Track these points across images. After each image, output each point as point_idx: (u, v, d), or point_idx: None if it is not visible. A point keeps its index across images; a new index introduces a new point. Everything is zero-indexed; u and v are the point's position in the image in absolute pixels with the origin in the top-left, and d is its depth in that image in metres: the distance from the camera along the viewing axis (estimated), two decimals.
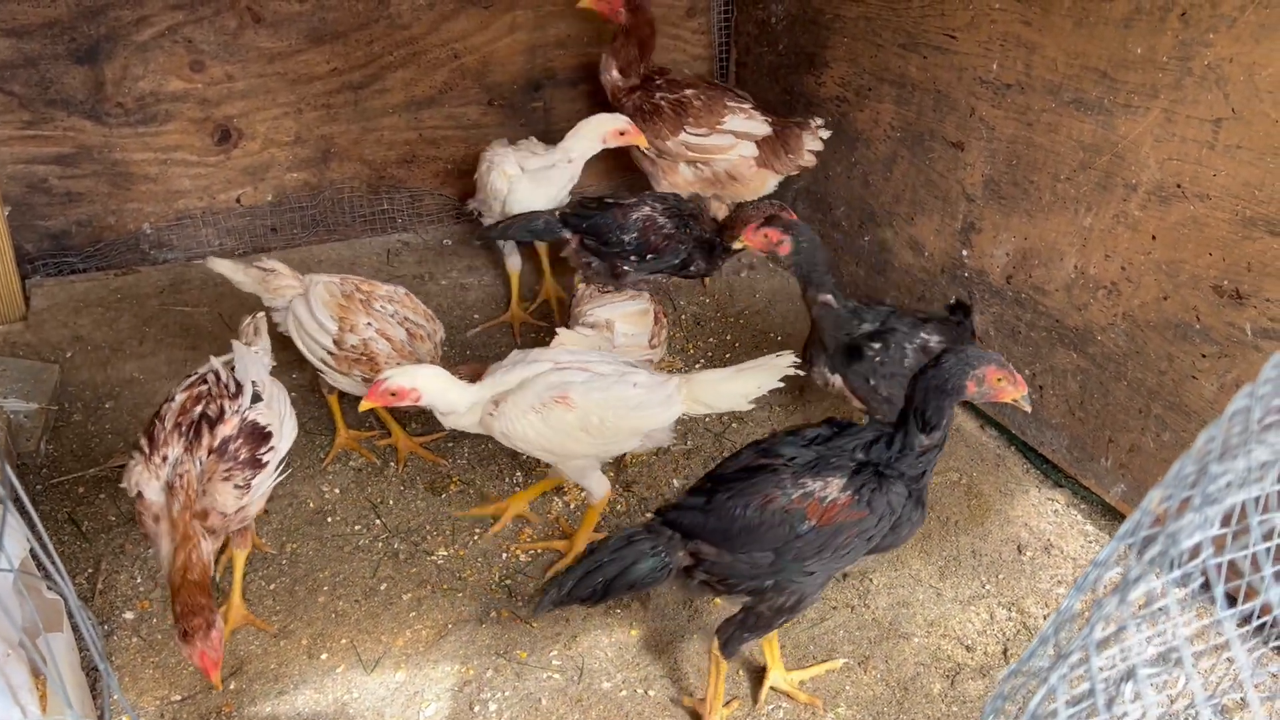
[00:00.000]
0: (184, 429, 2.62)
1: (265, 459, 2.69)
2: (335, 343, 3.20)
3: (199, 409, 2.66)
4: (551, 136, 4.87)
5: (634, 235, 3.68)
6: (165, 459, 2.58)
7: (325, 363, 3.25)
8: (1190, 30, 2.88)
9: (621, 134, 3.93)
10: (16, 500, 2.50)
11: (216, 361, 2.82)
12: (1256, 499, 0.82)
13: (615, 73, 4.31)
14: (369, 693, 2.75)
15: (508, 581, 3.10)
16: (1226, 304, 2.93)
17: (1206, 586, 1.09)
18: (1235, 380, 2.95)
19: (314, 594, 3.04)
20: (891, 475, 2.43)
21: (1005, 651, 2.94)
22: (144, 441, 2.63)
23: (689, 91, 4.22)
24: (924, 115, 3.88)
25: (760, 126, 4.20)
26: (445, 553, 3.20)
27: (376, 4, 4.43)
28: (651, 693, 2.77)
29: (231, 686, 2.74)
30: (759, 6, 4.71)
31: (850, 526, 2.40)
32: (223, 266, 3.34)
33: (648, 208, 3.73)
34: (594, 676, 2.81)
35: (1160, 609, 0.85)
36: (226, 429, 2.64)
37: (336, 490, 3.42)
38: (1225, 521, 0.93)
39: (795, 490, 2.40)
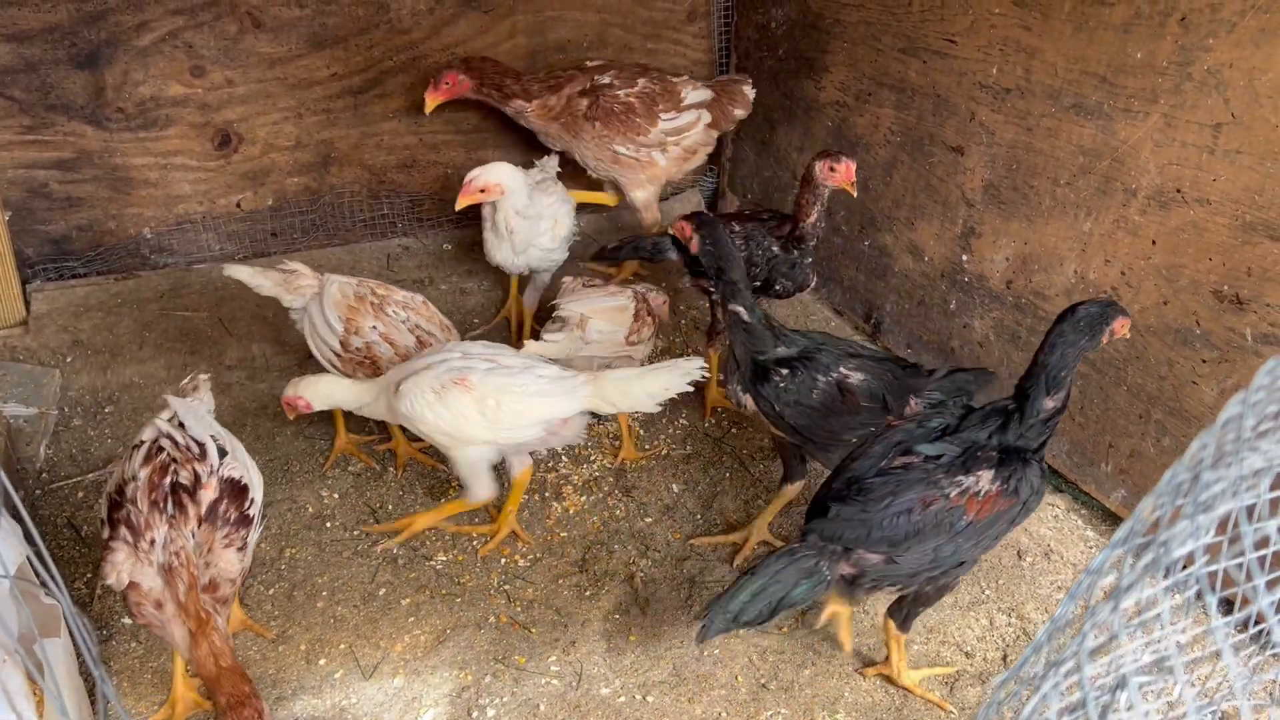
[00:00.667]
0: (161, 504, 2.46)
1: (250, 513, 2.60)
2: (341, 344, 3.22)
3: (168, 480, 2.50)
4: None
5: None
6: (153, 542, 2.42)
7: (331, 363, 3.26)
8: (1190, 35, 2.88)
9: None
10: (12, 507, 2.50)
11: (162, 423, 2.65)
12: (1249, 507, 0.81)
13: (526, 103, 4.25)
14: (367, 698, 2.74)
15: (506, 587, 3.10)
16: (1227, 309, 2.92)
17: (1203, 594, 1.09)
18: (1235, 385, 2.95)
19: (312, 599, 3.03)
20: (1029, 456, 2.52)
21: (1005, 658, 2.93)
22: (123, 531, 2.43)
23: (642, 81, 4.27)
24: (924, 120, 3.88)
25: (706, 92, 4.36)
26: (444, 558, 3.19)
27: (376, 9, 4.43)
28: (650, 699, 2.76)
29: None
30: (759, 11, 4.71)
31: (1002, 515, 2.50)
32: (240, 273, 3.37)
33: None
34: (592, 682, 2.81)
35: (1154, 617, 0.84)
36: (209, 494, 2.52)
37: (335, 495, 3.41)
38: (1220, 529, 0.92)
39: (951, 489, 2.46)
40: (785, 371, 3.00)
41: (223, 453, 2.64)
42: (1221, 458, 0.89)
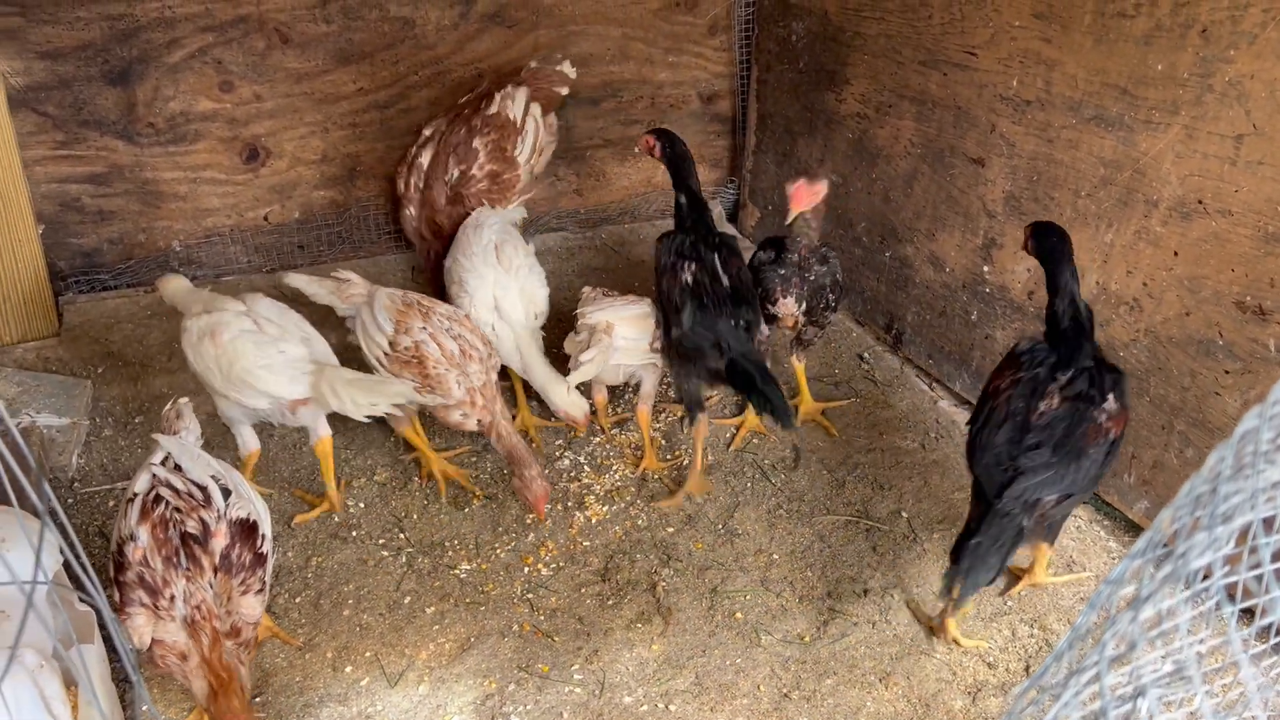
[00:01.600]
0: (174, 559, 2.39)
1: (264, 550, 2.57)
2: (390, 344, 3.30)
3: (173, 532, 2.43)
4: (573, 154, 4.93)
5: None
6: (173, 598, 2.37)
7: (380, 363, 3.34)
8: (1211, 47, 2.89)
9: None
10: (51, 513, 2.55)
11: (159, 470, 2.55)
12: (1267, 519, 0.83)
13: (439, 195, 4.11)
14: (393, 705, 2.77)
15: (529, 595, 3.13)
16: (1249, 320, 2.92)
17: (1220, 605, 1.10)
18: (1258, 396, 2.94)
19: (339, 607, 3.07)
20: (1115, 368, 2.82)
21: (1027, 668, 2.93)
22: (138, 594, 2.36)
23: (475, 143, 4.08)
24: (944, 131, 3.89)
25: (523, 90, 4.23)
26: (468, 566, 3.22)
27: (402, 25, 4.49)
28: (673, 707, 2.78)
29: (257, 699, 2.77)
30: (780, 24, 4.74)
31: (1126, 427, 2.82)
32: (297, 281, 3.52)
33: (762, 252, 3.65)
34: (615, 691, 2.83)
35: (1173, 627, 0.86)
36: (220, 541, 2.46)
37: (361, 504, 3.45)
38: (1240, 540, 0.94)
39: (1102, 416, 2.71)
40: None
41: (226, 493, 2.57)
42: (1240, 470, 0.91)
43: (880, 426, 3.87)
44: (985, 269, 3.80)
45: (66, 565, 2.37)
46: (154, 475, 2.53)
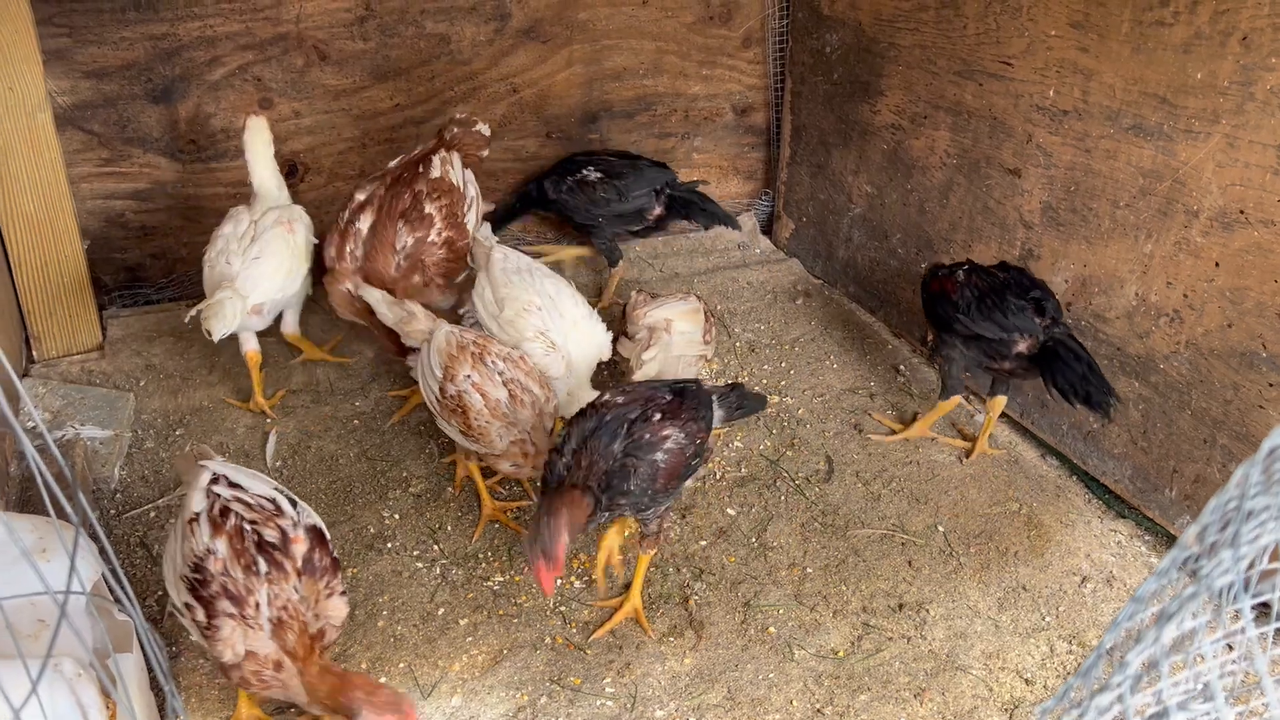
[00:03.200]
0: (253, 567, 2.40)
1: (335, 555, 2.58)
2: (440, 389, 3.21)
3: (249, 542, 2.43)
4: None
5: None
6: (258, 605, 2.37)
7: (433, 407, 3.28)
8: (1252, 55, 2.84)
9: None
10: (89, 525, 2.60)
11: (222, 490, 2.52)
12: None
13: (387, 265, 3.75)
14: (426, 717, 2.78)
15: (561, 608, 3.13)
16: None
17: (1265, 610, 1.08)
18: None
19: (373, 618, 3.09)
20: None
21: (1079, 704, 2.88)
22: (223, 605, 2.35)
23: (428, 209, 3.78)
24: (980, 142, 3.86)
25: (456, 156, 3.98)
26: (501, 579, 3.23)
27: (438, 41, 4.54)
28: None
29: (292, 709, 2.80)
30: (814, 36, 4.73)
31: None
32: (372, 295, 3.48)
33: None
34: (647, 704, 2.82)
35: (1197, 645, 0.84)
36: (301, 547, 2.47)
37: (396, 516, 3.48)
38: (1272, 558, 0.92)
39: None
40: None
41: (293, 502, 2.59)
42: (1269, 486, 0.89)
43: (916, 439, 3.83)
44: None
45: (106, 578, 2.41)
46: (215, 494, 2.51)
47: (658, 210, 4.57)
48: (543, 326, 3.46)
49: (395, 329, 3.47)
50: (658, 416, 2.83)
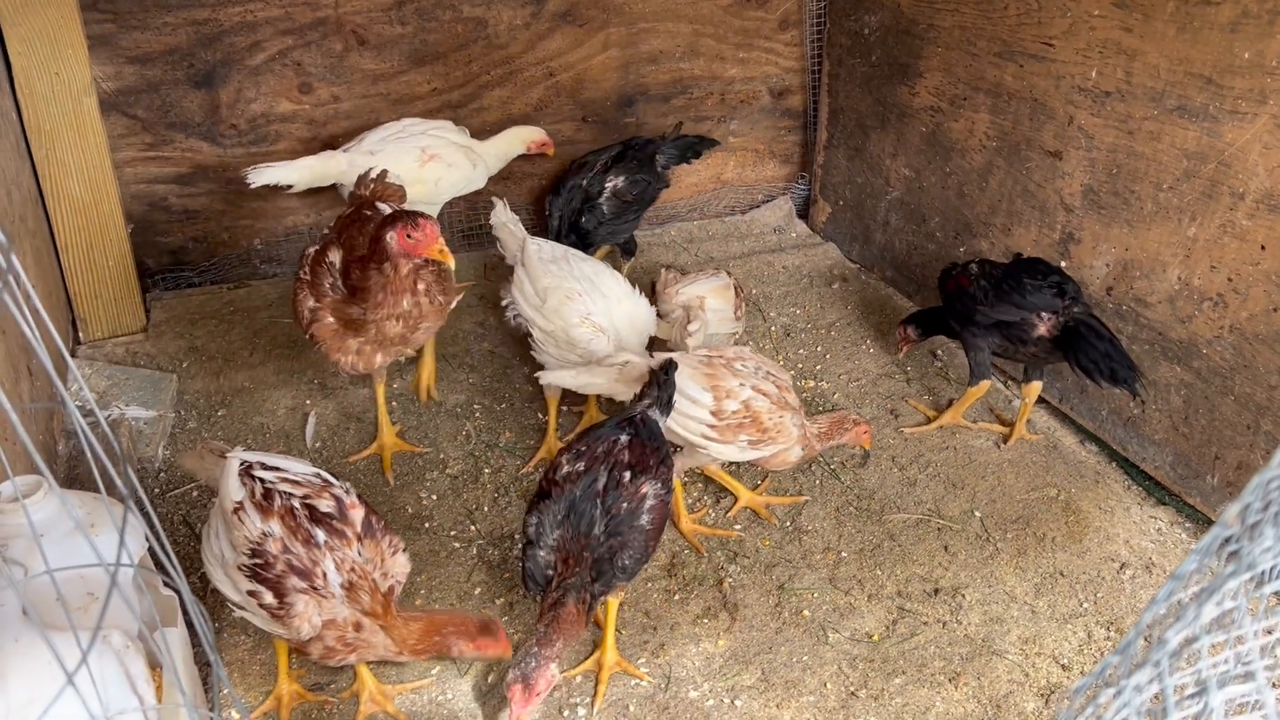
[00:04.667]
0: (311, 540, 2.43)
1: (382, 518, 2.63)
2: (714, 413, 3.10)
3: (301, 518, 2.45)
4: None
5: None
6: (325, 575, 2.41)
7: (707, 436, 3.11)
8: None
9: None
10: (137, 500, 2.65)
11: (266, 474, 2.51)
12: None
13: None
14: (462, 694, 2.82)
15: None
16: None
17: None
18: None
19: (411, 597, 3.13)
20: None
21: (1116, 682, 2.87)
22: (292, 581, 2.38)
23: (373, 216, 3.36)
24: (1020, 124, 3.82)
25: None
26: None
27: (475, 25, 4.56)
28: (738, 703, 2.78)
29: (331, 685, 2.84)
30: (851, 18, 4.70)
31: None
32: (563, 379, 3.34)
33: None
34: (681, 685, 2.84)
35: (1236, 624, 0.84)
36: (358, 512, 2.51)
37: (434, 497, 3.52)
38: None
39: None
40: None
41: (335, 475, 2.62)
42: None
43: (953, 424, 3.81)
44: (1062, 264, 3.71)
45: (151, 552, 2.46)
46: (257, 479, 2.50)
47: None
48: (586, 311, 3.41)
49: (608, 391, 3.27)
50: (628, 475, 2.65)
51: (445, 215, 4.83)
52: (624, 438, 2.75)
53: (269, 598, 2.39)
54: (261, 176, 3.91)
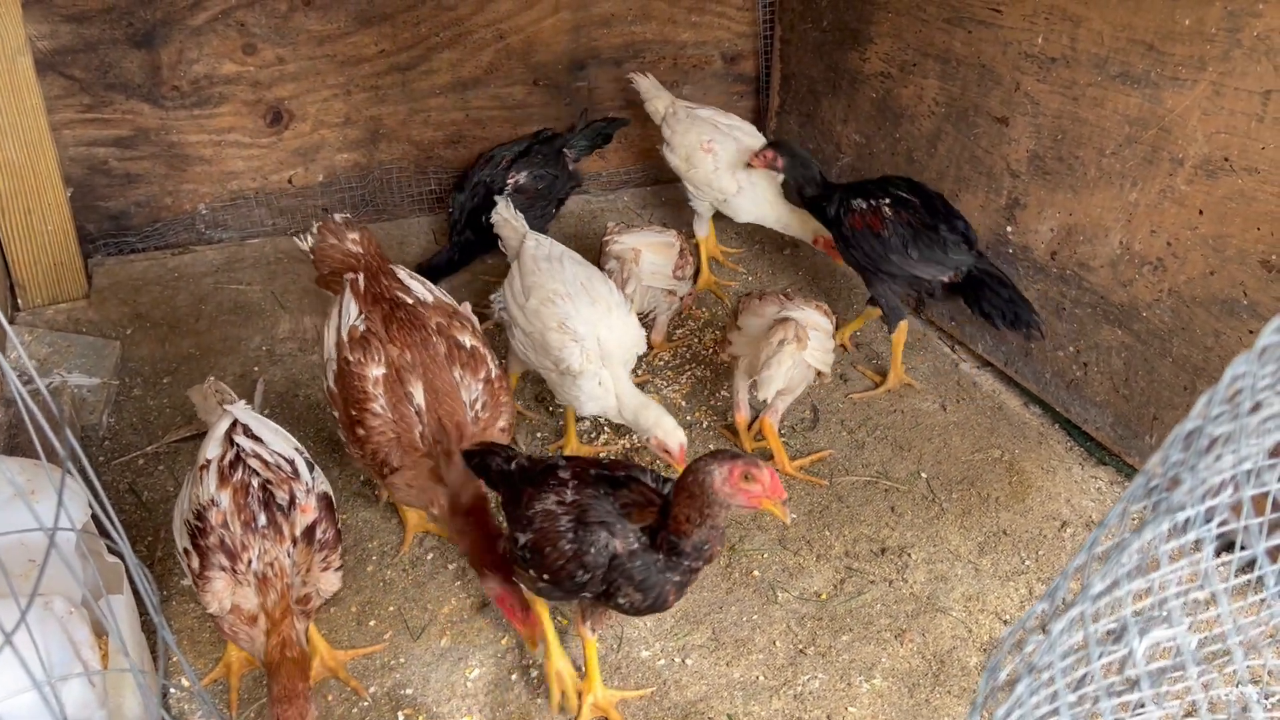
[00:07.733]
0: (252, 524, 2.40)
1: (339, 527, 2.59)
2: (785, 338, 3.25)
3: (253, 498, 2.43)
4: (595, 115, 4.89)
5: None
6: (249, 562, 2.39)
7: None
8: (1239, 1, 2.83)
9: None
10: (80, 466, 2.61)
11: (240, 437, 2.51)
12: (1249, 464, 0.84)
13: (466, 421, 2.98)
14: (415, 658, 2.83)
15: None
16: (1275, 279, 2.89)
17: (1229, 548, 1.11)
18: None
19: (363, 563, 3.13)
20: None
21: (1043, 626, 2.94)
22: (218, 558, 2.36)
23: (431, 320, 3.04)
24: (968, 91, 3.85)
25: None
26: None
27: None
28: (689, 662, 2.82)
29: None
30: None
31: None
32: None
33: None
34: (632, 645, 2.87)
35: (1156, 567, 0.87)
36: (307, 517, 2.47)
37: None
38: (1226, 486, 0.95)
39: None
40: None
41: (310, 466, 2.58)
42: (1232, 413, 0.91)
43: (901, 388, 3.86)
44: (1008, 229, 3.77)
45: (95, 519, 2.43)
46: (235, 444, 2.49)
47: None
48: (564, 316, 3.20)
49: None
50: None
51: (393, 178, 4.78)
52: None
53: (195, 562, 2.38)
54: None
